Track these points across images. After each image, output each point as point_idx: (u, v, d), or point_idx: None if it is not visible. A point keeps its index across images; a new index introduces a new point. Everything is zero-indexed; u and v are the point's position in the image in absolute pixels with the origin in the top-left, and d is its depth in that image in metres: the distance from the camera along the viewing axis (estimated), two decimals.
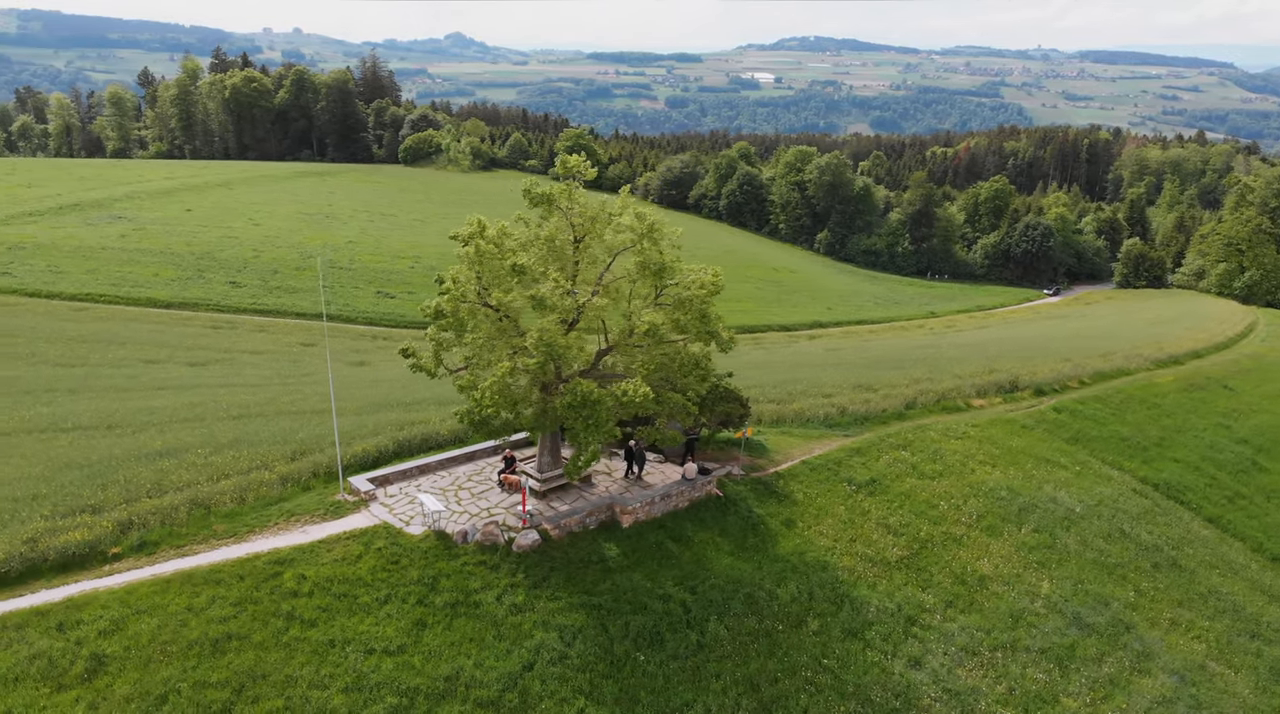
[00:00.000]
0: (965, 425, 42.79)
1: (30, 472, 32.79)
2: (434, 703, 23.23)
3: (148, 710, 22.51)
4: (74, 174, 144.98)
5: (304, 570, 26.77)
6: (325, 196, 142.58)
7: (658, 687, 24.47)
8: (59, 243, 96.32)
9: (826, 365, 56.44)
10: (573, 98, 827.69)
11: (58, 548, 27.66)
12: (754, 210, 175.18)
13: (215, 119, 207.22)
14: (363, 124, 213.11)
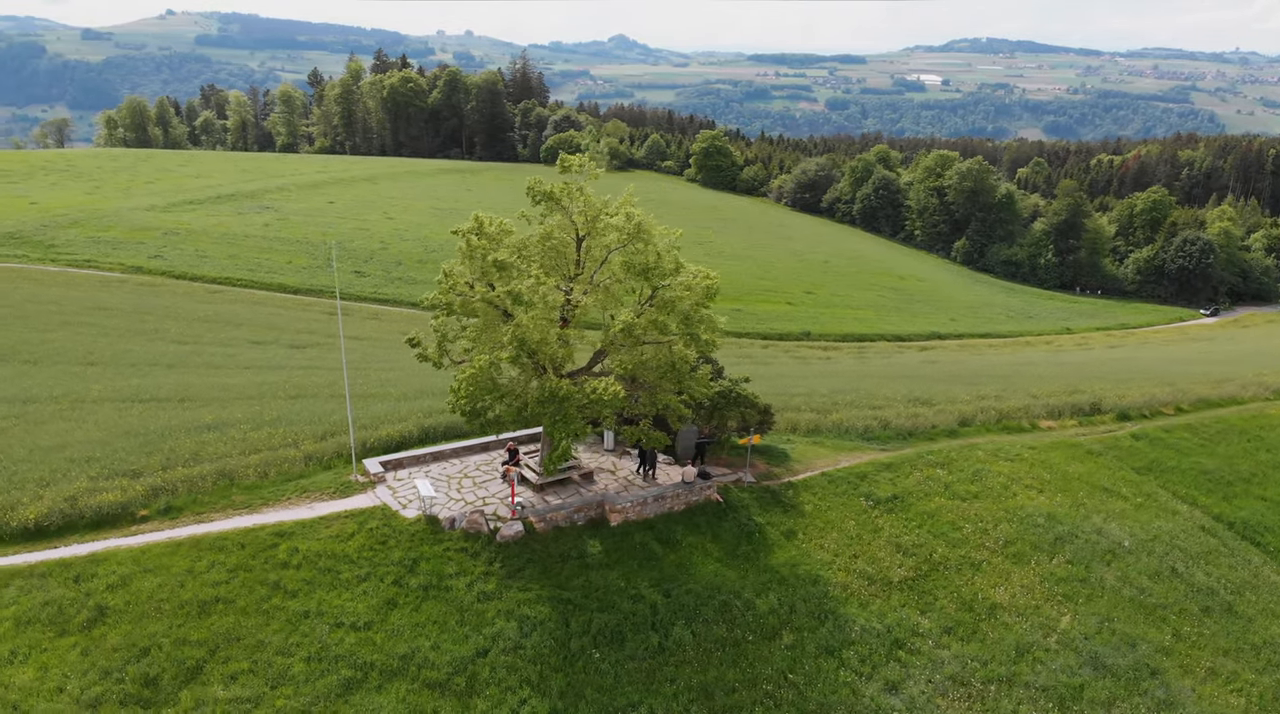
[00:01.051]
0: (1021, 447, 40.67)
1: (94, 436, 35.93)
2: (385, 679, 24.19)
3: (129, 660, 24.38)
4: (238, 166, 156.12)
5: (298, 544, 28.30)
6: (461, 193, 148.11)
7: (607, 685, 24.61)
8: (209, 229, 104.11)
9: (897, 377, 54.66)
10: (730, 99, 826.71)
11: (94, 507, 30.20)
12: (889, 216, 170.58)
13: (374, 117, 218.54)
14: (509, 124, 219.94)
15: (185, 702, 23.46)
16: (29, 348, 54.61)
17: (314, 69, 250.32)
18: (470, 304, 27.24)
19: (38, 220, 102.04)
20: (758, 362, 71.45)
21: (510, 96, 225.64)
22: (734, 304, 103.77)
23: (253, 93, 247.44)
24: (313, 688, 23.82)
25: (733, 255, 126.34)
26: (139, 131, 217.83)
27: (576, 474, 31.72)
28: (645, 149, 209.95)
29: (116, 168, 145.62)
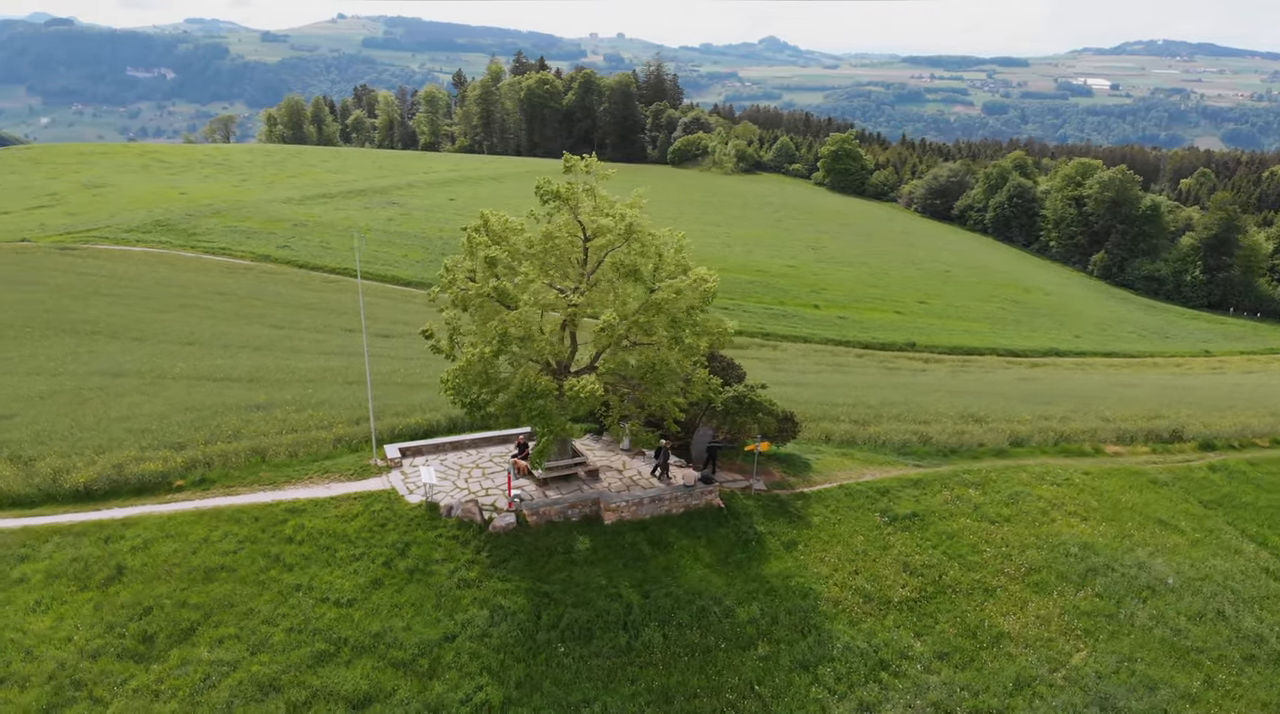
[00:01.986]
0: (1074, 472, 38.52)
1: (157, 410, 38.75)
2: (354, 654, 25.26)
3: (132, 617, 26.33)
4: (376, 163, 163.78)
5: (305, 521, 29.82)
6: None
7: (565, 679, 24.92)
8: (336, 222, 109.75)
9: (974, 393, 52.53)
10: (881, 102, 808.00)
11: (137, 475, 32.67)
12: (1022, 225, 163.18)
13: (511, 117, 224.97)
14: (640, 125, 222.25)
15: (173, 660, 25.15)
16: (141, 326, 59.15)
17: (459, 70, 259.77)
18: (466, 298, 27.98)
19: (185, 209, 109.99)
20: (841, 369, 69.99)
21: (643, 98, 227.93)
22: (839, 311, 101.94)
23: (401, 93, 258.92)
24: (287, 657, 25.11)
25: (845, 261, 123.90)
26: (295, 128, 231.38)
27: (582, 471, 32.12)
28: (774, 152, 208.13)
29: (266, 163, 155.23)
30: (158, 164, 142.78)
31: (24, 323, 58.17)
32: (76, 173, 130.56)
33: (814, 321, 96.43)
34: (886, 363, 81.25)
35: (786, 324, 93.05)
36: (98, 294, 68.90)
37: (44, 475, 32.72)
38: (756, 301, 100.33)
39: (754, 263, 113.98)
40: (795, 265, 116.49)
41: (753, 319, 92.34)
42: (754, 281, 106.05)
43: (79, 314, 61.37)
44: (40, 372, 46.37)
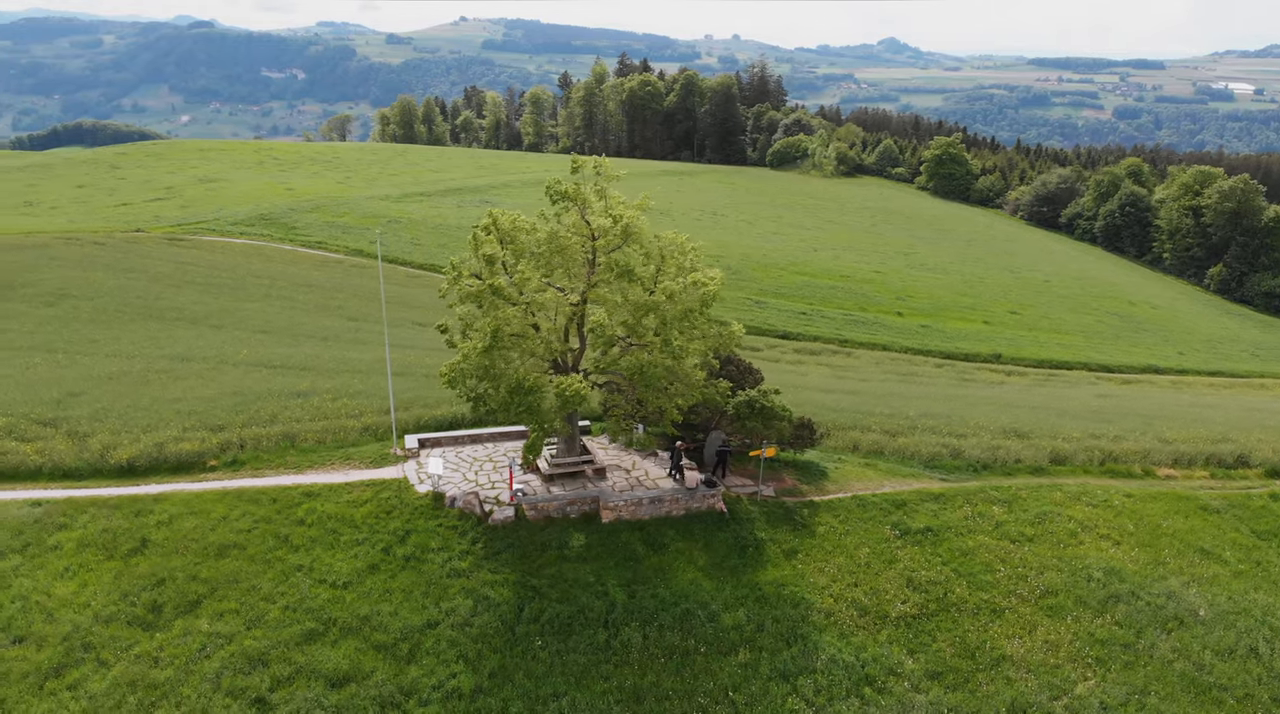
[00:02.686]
0: (1115, 493, 36.79)
1: (208, 393, 40.85)
2: (341, 635, 26.24)
3: (145, 588, 27.97)
4: (477, 163, 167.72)
5: (318, 505, 31.06)
6: (673, 195, 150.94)
7: (538, 672, 25.32)
8: (428, 219, 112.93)
9: (1023, 406, 50.56)
10: (1004, 105, 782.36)
11: (175, 453, 34.60)
12: (1134, 235, 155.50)
13: (613, 119, 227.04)
14: (741, 127, 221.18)
15: (176, 629, 26.62)
16: (222, 315, 62.29)
17: (565, 72, 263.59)
18: (469, 294, 28.62)
19: (288, 204, 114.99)
20: (909, 379, 68.31)
21: (745, 100, 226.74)
22: (923, 319, 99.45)
23: (509, 94, 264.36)
24: (279, 634, 26.26)
25: (937, 268, 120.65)
26: (407, 128, 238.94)
27: (590, 469, 32.45)
28: (876, 155, 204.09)
29: (372, 161, 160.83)
30: (271, 161, 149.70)
31: (117, 308, 61.99)
32: (195, 168, 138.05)
33: (895, 329, 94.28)
34: (965, 374, 78.89)
35: (865, 331, 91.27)
36: (191, 283, 72.77)
37: (94, 451, 34.95)
38: (837, 307, 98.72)
39: (839, 268, 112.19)
40: (882, 271, 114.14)
41: (830, 325, 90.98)
42: (836, 287, 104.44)
43: (168, 301, 64.99)
44: (118, 354, 49.38)
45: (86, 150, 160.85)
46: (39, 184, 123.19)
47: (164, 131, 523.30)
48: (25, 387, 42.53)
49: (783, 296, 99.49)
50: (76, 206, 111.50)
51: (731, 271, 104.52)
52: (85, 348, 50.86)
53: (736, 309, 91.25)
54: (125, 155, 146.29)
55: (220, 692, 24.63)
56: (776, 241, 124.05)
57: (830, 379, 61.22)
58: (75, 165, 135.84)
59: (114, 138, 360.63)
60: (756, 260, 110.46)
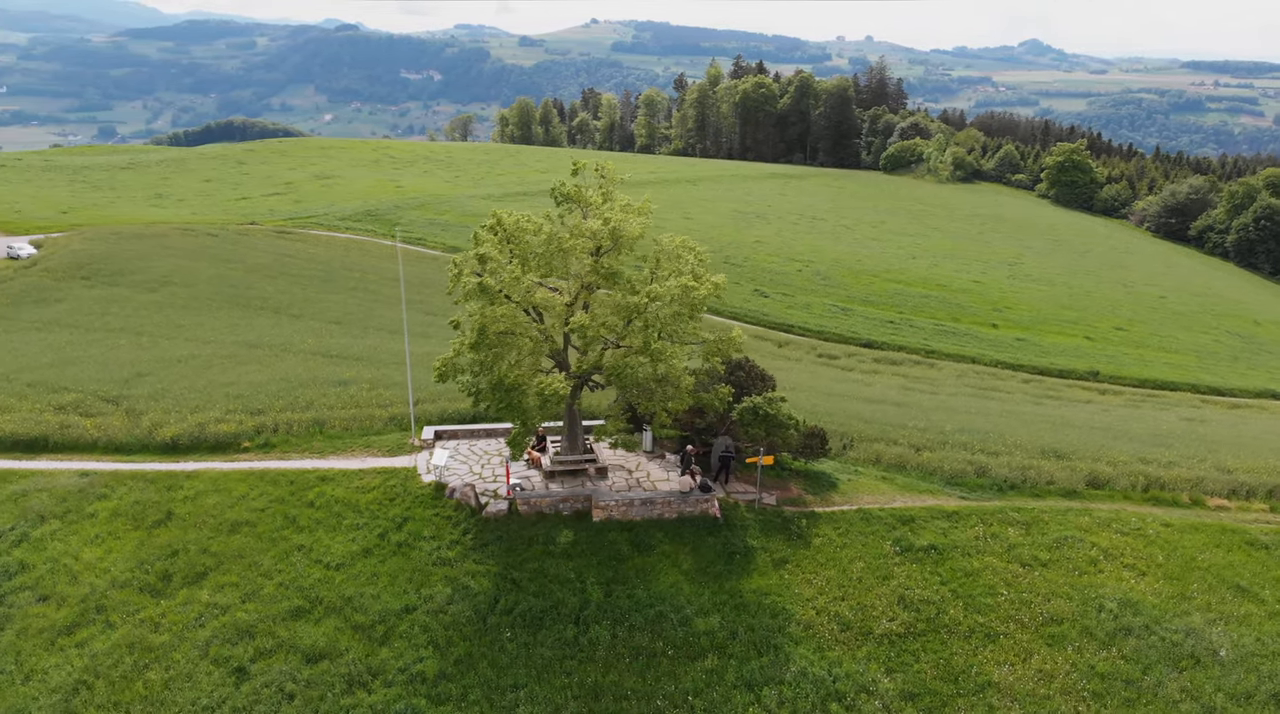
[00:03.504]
0: (1152, 522, 34.83)
1: (259, 378, 43.16)
2: (324, 614, 27.49)
3: (160, 558, 29.97)
4: None
5: (328, 489, 32.55)
6: (774, 198, 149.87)
7: (502, 662, 25.92)
8: None
9: (1081, 426, 48.19)
10: (1153, 111, 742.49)
11: (214, 434, 36.79)
12: (1270, 251, 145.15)
13: (725, 121, 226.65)
14: (855, 130, 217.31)
15: (180, 598, 28.43)
16: (304, 305, 65.51)
17: (681, 74, 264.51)
18: (469, 291, 29.40)
19: (395, 201, 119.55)
20: (983, 394, 65.98)
21: (861, 102, 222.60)
22: (1018, 332, 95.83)
23: (626, 96, 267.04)
24: (269, 608, 27.71)
25: (1042, 280, 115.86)
26: (524, 129, 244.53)
27: (593, 467, 32.88)
28: (996, 160, 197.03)
29: (482, 161, 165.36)
30: (387, 159, 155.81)
31: (210, 296, 65.95)
32: (315, 165, 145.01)
33: (987, 341, 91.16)
34: (1051, 391, 75.66)
35: (954, 342, 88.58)
36: (285, 274, 76.68)
37: (144, 428, 37.52)
38: (928, 317, 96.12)
39: (936, 276, 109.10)
40: (982, 282, 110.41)
41: (917, 335, 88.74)
42: (929, 296, 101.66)
43: (258, 291, 68.71)
44: (196, 339, 52.66)
45: (217, 146, 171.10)
46: (171, 178, 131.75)
47: (307, 129, 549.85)
48: (103, 366, 45.89)
49: (871, 304, 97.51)
50: (201, 199, 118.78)
51: (820, 277, 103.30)
52: (169, 332, 54.39)
53: (820, 315, 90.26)
54: (252, 152, 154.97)
55: (206, 659, 26.19)
56: (874, 247, 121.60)
57: (894, 390, 59.84)
58: (206, 160, 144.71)
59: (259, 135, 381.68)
60: (848, 266, 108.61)
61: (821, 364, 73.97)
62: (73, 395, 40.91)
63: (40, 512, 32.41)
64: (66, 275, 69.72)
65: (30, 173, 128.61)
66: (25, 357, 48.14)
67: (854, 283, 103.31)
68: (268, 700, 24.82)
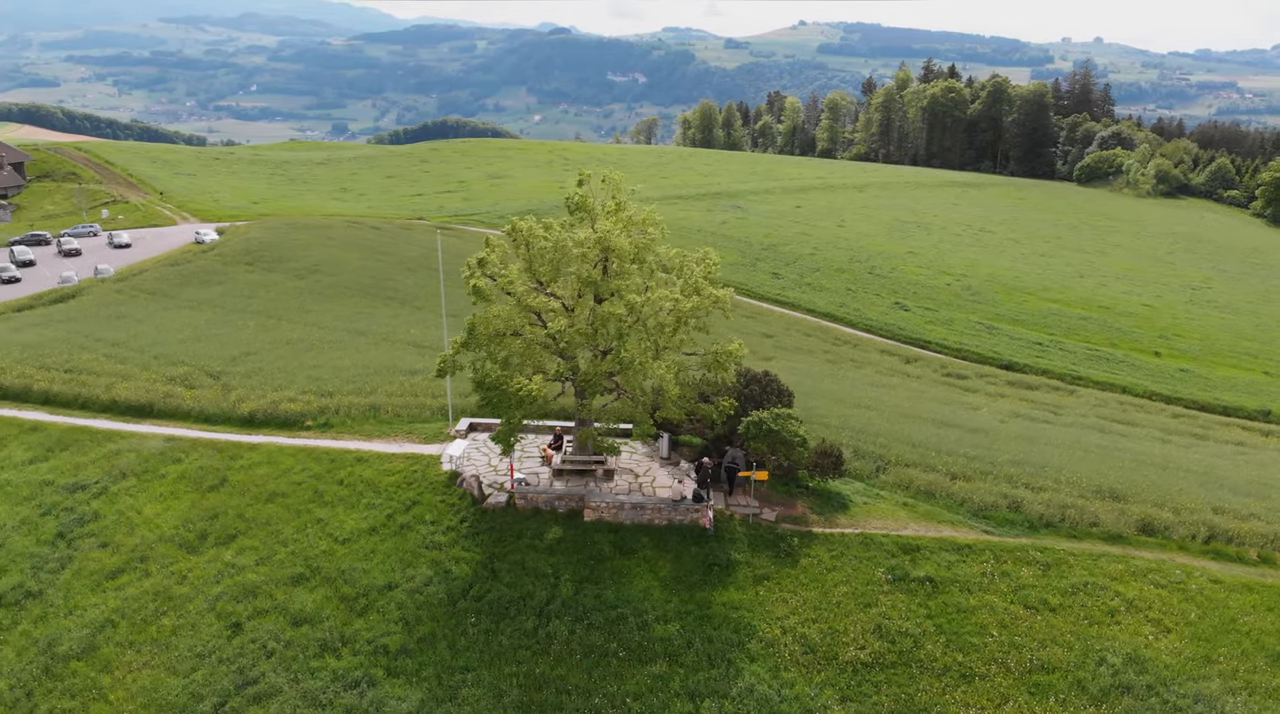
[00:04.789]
0: (1198, 576, 31.94)
1: (344, 363, 46.75)
2: (320, 583, 30.02)
3: (202, 518, 33.58)
4: (751, 168, 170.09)
5: (359, 469, 35.23)
6: (944, 207, 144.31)
7: (460, 645, 27.47)
8: (673, 221, 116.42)
9: (1188, 472, 44.19)
10: None
11: (285, 411, 40.49)
12: None
13: (911, 126, 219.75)
14: (1051, 138, 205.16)
15: (207, 556, 31.79)
16: (429, 297, 69.71)
17: (869, 78, 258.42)
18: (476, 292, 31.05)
19: (555, 201, 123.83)
20: (1109, 428, 61.62)
21: (1060, 109, 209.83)
22: (1183, 363, 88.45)
23: (812, 99, 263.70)
24: (276, 572, 30.53)
25: (1226, 307, 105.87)
26: (705, 132, 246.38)
27: (601, 469, 33.85)
28: (1206, 175, 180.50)
29: (653, 163, 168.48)
30: (560, 161, 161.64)
31: (348, 285, 71.47)
32: (490, 165, 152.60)
33: (1145, 371, 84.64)
34: (1200, 429, 69.53)
35: (1105, 369, 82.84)
36: (427, 268, 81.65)
37: (230, 401, 41.73)
38: (1081, 340, 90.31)
39: (1100, 297, 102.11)
40: (1154, 306, 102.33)
41: (1065, 359, 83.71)
42: (1088, 318, 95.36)
43: (394, 283, 73.75)
44: (314, 324, 57.45)
45: (408, 145, 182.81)
46: (359, 173, 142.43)
47: (516, 129, 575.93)
48: (222, 343, 51.07)
49: (1020, 323, 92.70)
50: (380, 194, 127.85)
51: (970, 292, 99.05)
52: (294, 316, 59.59)
53: (960, 332, 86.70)
54: (436, 151, 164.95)
55: (212, 612, 29.24)
56: (1039, 263, 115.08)
57: (995, 416, 57.09)
58: (394, 158, 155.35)
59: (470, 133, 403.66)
60: (1004, 282, 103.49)
61: (940, 383, 71.26)
62: (184, 368, 45.88)
63: (124, 469, 36.87)
64: (233, 260, 77.38)
65: (239, 166, 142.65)
66: (166, 331, 54.24)
67: (1006, 300, 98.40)
68: (250, 655, 27.48)
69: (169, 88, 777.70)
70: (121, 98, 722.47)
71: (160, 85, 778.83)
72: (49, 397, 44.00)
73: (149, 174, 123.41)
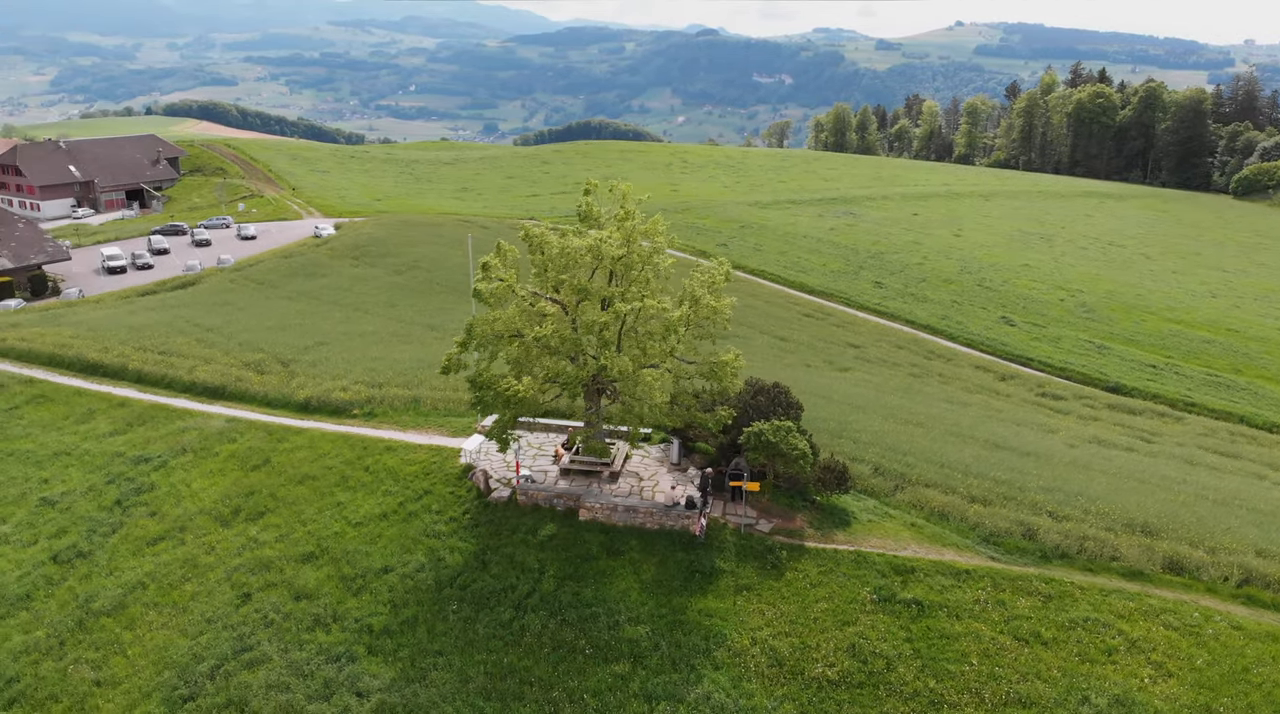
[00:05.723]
0: (1218, 622, 30.00)
1: (403, 356, 49.12)
2: (326, 562, 32.05)
3: (238, 494, 36.29)
4: (876, 173, 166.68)
5: (384, 458, 37.27)
6: (1074, 219, 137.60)
7: (437, 630, 28.88)
8: (780, 227, 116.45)
9: (1254, 510, 41.17)
10: None
11: (335, 399, 43.10)
12: None
13: (1055, 133, 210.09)
14: (1208, 148, 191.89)
15: (235, 529, 34.38)
16: None
17: (1013, 82, 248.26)
18: None
19: (663, 203, 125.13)
20: (1196, 461, 57.99)
21: (1221, 117, 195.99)
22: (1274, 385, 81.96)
23: (953, 103, 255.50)
24: (291, 549, 32.77)
25: None
26: (838, 135, 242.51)
27: (606, 471, 34.66)
28: None
29: (775, 167, 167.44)
30: (679, 163, 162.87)
31: (440, 281, 74.61)
32: (609, 167, 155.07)
33: (1270, 400, 78.75)
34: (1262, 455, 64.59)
35: (1224, 396, 77.66)
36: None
37: (291, 388, 44.72)
38: (1201, 365, 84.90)
39: (1230, 320, 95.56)
40: None
41: (1180, 384, 79.07)
42: (1212, 342, 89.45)
43: None
44: (395, 318, 60.48)
45: (529, 148, 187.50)
46: (482, 174, 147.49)
47: (659, 131, 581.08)
48: (302, 333, 54.52)
49: (1134, 344, 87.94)
50: (498, 194, 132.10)
51: (1084, 309, 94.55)
52: (379, 310, 62.85)
53: (1067, 351, 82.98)
54: (559, 153, 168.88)
55: (227, 582, 31.67)
56: (1168, 281, 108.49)
57: (1064, 439, 54.69)
58: (517, 159, 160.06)
59: (612, 134, 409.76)
60: (1123, 300, 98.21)
61: (1028, 403, 68.59)
62: (260, 355, 49.30)
63: (185, 446, 40.13)
64: (341, 254, 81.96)
65: (371, 164, 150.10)
66: (258, 319, 58.26)
67: (1123, 319, 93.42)
68: (251, 624, 29.68)
69: (335, 87, 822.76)
70: (292, 96, 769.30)
71: (327, 85, 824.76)
72: (141, 375, 48.16)
73: (287, 170, 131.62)
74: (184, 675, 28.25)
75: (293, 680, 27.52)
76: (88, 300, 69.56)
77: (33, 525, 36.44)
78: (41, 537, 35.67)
